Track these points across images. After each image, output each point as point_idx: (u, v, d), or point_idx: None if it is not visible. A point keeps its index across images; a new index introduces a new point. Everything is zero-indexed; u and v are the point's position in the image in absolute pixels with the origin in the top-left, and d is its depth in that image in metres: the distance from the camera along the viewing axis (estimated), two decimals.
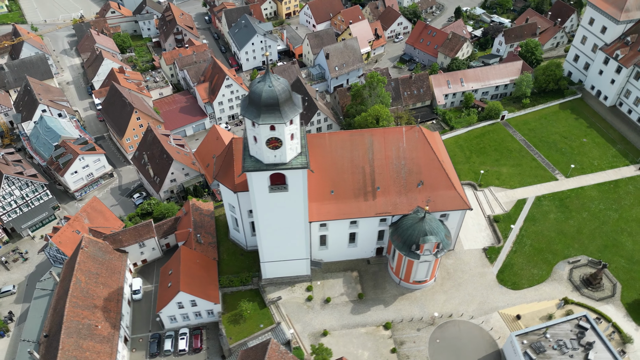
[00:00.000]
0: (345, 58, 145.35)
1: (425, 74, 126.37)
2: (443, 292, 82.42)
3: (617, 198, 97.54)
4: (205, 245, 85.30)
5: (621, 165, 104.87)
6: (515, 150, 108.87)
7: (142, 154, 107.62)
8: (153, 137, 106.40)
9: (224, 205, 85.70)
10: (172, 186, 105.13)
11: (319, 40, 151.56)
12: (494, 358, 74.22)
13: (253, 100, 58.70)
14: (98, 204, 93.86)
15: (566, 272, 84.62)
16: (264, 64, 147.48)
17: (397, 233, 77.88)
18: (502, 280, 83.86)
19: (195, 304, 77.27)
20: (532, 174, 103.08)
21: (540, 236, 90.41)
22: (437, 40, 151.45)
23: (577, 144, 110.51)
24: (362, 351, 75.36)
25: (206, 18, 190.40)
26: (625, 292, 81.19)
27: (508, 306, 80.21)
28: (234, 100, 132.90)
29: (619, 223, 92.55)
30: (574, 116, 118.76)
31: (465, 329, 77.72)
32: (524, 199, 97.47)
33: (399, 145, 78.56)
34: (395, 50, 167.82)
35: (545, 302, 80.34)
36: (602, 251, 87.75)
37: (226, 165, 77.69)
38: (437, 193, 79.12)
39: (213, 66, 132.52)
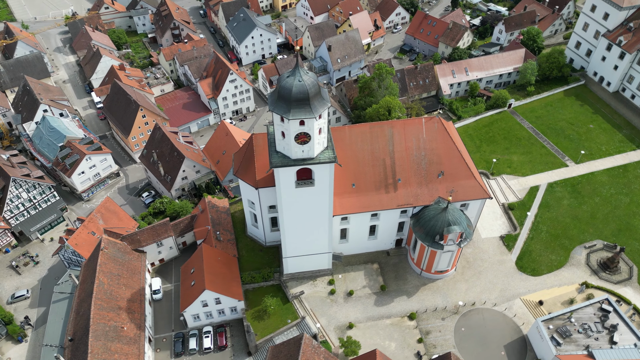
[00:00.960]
0: (347, 50, 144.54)
1: (431, 64, 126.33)
2: (464, 281, 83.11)
3: (627, 182, 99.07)
4: (224, 243, 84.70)
5: (628, 150, 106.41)
6: (524, 138, 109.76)
7: (150, 152, 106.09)
8: (162, 134, 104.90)
9: (243, 201, 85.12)
10: (184, 184, 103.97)
11: (320, 33, 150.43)
12: (519, 344, 75.19)
13: (283, 95, 58.03)
14: (112, 204, 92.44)
15: (583, 257, 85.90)
16: (294, 56, 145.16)
17: (420, 224, 78.15)
18: (521, 267, 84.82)
19: (219, 301, 76.79)
20: (543, 161, 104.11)
21: (556, 222, 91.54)
22: (438, 30, 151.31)
23: (584, 130, 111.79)
24: (389, 342, 75.80)
25: (201, 12, 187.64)
26: None
27: (529, 292, 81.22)
28: (238, 95, 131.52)
29: (630, 207, 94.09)
30: (578, 103, 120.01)
31: (489, 316, 78.57)
32: (536, 186, 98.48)
33: (419, 136, 78.58)
34: (395, 41, 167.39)
35: (565, 287, 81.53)
36: (617, 235, 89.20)
37: (247, 161, 76.96)
38: (457, 183, 79.44)
39: (216, 61, 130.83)
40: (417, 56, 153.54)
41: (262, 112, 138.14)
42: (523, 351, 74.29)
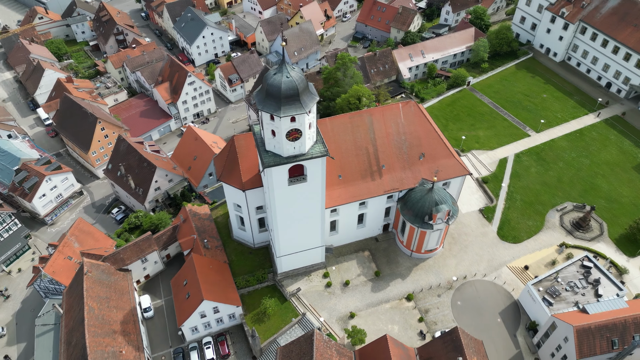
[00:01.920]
0: (303, 42, 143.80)
1: (389, 50, 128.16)
2: (452, 257, 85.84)
3: (585, 145, 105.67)
4: (213, 250, 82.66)
5: (581, 114, 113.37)
6: (486, 114, 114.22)
7: (117, 165, 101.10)
8: (127, 146, 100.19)
9: (228, 205, 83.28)
10: (157, 195, 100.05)
11: (273, 27, 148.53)
12: (512, 309, 78.82)
13: (271, 93, 56.95)
14: (85, 225, 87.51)
15: (557, 220, 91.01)
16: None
17: (408, 207, 79.68)
18: (503, 236, 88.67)
19: (217, 310, 75.05)
20: (507, 133, 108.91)
21: (527, 190, 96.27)
22: (388, 15, 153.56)
23: (538, 100, 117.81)
24: (391, 326, 77.18)
25: (143, 14, 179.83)
26: (611, 229, 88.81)
27: (514, 259, 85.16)
28: (198, 97, 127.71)
29: (592, 168, 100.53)
30: (530, 75, 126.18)
31: (481, 287, 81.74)
32: (504, 158, 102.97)
33: (398, 121, 79.83)
34: (346, 29, 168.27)
35: (545, 250, 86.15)
36: (583, 196, 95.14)
37: (230, 164, 75.18)
38: (438, 163, 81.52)
39: (171, 64, 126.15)
40: (370, 43, 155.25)
41: (224, 113, 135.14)
42: (517, 315, 78.00)
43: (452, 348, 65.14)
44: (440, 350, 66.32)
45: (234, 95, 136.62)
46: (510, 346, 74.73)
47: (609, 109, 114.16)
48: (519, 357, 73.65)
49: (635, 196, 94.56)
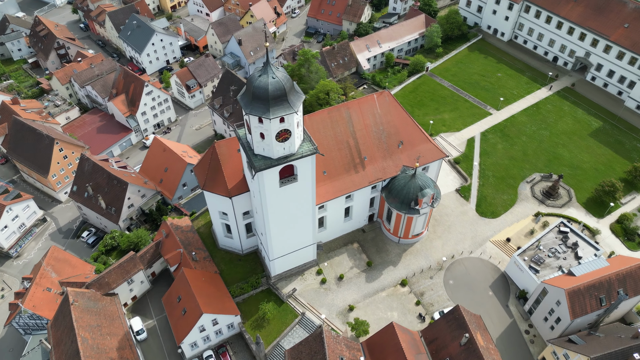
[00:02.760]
0: (258, 41, 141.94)
1: (346, 42, 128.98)
2: (438, 238, 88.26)
3: (543, 118, 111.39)
4: (202, 261, 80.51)
5: (535, 89, 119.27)
6: (448, 97, 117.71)
7: (83, 186, 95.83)
8: (92, 165, 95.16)
9: (211, 214, 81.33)
10: (131, 212, 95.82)
11: (224, 28, 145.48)
12: (501, 281, 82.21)
13: (259, 95, 55.91)
14: (60, 253, 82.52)
15: (528, 191, 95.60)
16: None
17: (393, 195, 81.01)
18: (482, 213, 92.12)
19: (216, 322, 73.32)
20: (470, 113, 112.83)
21: (497, 166, 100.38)
22: (338, 8, 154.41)
23: (494, 79, 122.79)
24: (390, 313, 78.46)
25: (82, 25, 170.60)
26: (578, 195, 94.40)
27: (495, 233, 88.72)
28: (157, 107, 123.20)
29: (552, 139, 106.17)
30: (482, 56, 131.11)
31: (469, 264, 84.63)
32: (472, 138, 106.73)
33: (374, 112, 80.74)
34: (297, 25, 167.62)
35: (523, 221, 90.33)
36: (548, 166, 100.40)
37: (213, 172, 73.27)
38: (416, 149, 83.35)
39: (124, 75, 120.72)
40: (324, 37, 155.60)
41: (185, 121, 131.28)
42: (506, 287, 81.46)
43: (456, 326, 67.18)
44: (445, 330, 68.20)
45: (194, 102, 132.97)
46: (504, 316, 78.03)
47: (559, 81, 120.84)
48: (514, 325, 77.07)
49: (595, 161, 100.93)
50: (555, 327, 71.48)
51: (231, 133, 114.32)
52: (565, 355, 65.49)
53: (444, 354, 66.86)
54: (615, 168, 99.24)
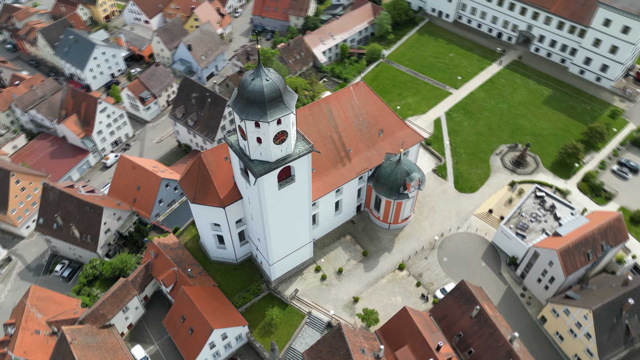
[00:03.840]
0: (208, 44, 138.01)
1: (301, 38, 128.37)
2: (425, 219, 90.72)
3: (499, 92, 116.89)
4: (198, 277, 77.88)
5: (487, 65, 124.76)
6: (408, 81, 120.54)
7: (50, 218, 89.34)
8: (58, 193, 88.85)
9: (201, 227, 78.93)
10: (108, 238, 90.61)
11: (170, 34, 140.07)
12: (491, 251, 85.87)
13: (254, 99, 54.53)
14: (41, 291, 76.57)
15: (499, 162, 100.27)
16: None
17: (380, 183, 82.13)
18: (461, 189, 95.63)
19: (225, 336, 71.45)
20: (432, 95, 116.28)
21: (467, 142, 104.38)
22: (283, 4, 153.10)
23: (447, 60, 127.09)
24: (394, 298, 79.89)
25: (9, 46, 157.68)
26: (544, 160, 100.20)
27: (477, 207, 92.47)
28: (113, 124, 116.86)
29: (511, 111, 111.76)
30: (432, 38, 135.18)
31: (459, 239, 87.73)
32: (438, 119, 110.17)
33: (353, 103, 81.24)
34: (242, 25, 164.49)
35: (500, 191, 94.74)
36: (512, 136, 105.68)
37: (203, 184, 70.82)
38: (396, 135, 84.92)
39: (73, 94, 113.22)
40: (272, 34, 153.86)
41: (144, 134, 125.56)
42: (496, 256, 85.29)
43: (464, 301, 69.68)
44: (453, 306, 70.53)
45: (149, 114, 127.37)
46: (499, 284, 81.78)
47: (506, 56, 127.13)
48: (509, 291, 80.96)
49: (553, 127, 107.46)
50: (549, 286, 75.88)
51: (198, 142, 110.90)
52: (565, 311, 69.80)
53: (456, 329, 69.22)
54: (572, 131, 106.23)
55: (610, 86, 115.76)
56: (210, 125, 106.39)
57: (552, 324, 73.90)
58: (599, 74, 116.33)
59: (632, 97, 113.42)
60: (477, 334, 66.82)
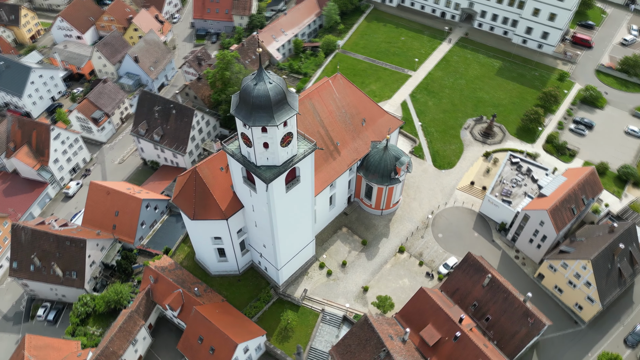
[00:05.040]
0: (154, 54, 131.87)
1: (253, 37, 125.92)
2: (413, 200, 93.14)
3: (454, 69, 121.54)
4: (205, 294, 75.26)
5: (437, 45, 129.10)
6: (367, 69, 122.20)
7: (26, 260, 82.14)
8: (31, 233, 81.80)
9: (200, 242, 76.43)
10: (94, 271, 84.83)
11: (111, 48, 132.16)
12: (481, 221, 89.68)
13: (260, 104, 53.08)
14: (36, 339, 70.46)
15: (469, 136, 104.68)
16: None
17: (371, 172, 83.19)
18: (440, 166, 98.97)
19: (247, 348, 69.77)
20: (393, 80, 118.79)
21: (436, 121, 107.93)
22: (224, 4, 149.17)
23: (400, 43, 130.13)
24: (401, 280, 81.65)
25: None
26: (509, 128, 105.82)
27: (459, 181, 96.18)
28: (69, 150, 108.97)
29: (469, 85, 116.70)
30: (381, 24, 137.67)
31: (448, 214, 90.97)
32: (404, 102, 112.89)
33: (334, 97, 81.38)
34: (183, 30, 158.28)
35: (477, 163, 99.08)
36: (476, 110, 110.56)
37: (202, 199, 68.21)
38: (377, 122, 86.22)
39: (20, 125, 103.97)
40: (218, 37, 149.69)
41: (102, 157, 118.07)
42: (486, 224, 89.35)
43: (474, 272, 72.78)
44: (464, 278, 73.40)
45: (104, 134, 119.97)
46: (494, 250, 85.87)
47: (454, 34, 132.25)
48: (504, 255, 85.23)
49: (510, 96, 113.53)
50: (541, 245, 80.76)
51: (167, 157, 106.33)
52: (563, 265, 74.72)
53: (470, 300, 72.18)
54: (527, 98, 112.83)
55: (552, 52, 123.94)
56: (179, 138, 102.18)
57: (550, 279, 78.86)
58: (540, 41, 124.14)
59: (573, 59, 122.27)
60: (492, 300, 70.10)
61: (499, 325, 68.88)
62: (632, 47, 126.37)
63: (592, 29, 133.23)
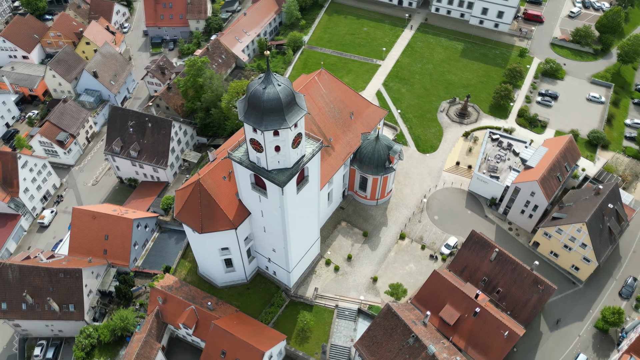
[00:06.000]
0: (113, 67, 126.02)
1: (217, 40, 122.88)
2: (404, 186, 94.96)
3: (420, 55, 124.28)
4: (218, 307, 73.54)
5: (400, 32, 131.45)
6: (337, 62, 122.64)
7: (17, 298, 76.71)
8: (18, 270, 76.49)
9: (205, 256, 74.67)
10: (92, 301, 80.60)
11: (66, 65, 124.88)
12: (471, 199, 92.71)
13: (272, 108, 52.17)
14: None
15: (446, 118, 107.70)
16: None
17: (365, 163, 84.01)
18: (424, 151, 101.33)
19: (271, 355, 69.05)
20: (363, 70, 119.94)
21: (412, 107, 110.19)
22: (178, 9, 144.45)
23: (363, 34, 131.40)
24: (408, 266, 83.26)
25: None
26: (481, 107, 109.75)
27: (444, 162, 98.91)
28: (38, 177, 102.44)
29: (437, 69, 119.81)
30: (342, 16, 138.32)
31: (440, 196, 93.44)
32: (378, 91, 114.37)
33: (321, 93, 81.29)
34: (135, 40, 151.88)
35: (458, 144, 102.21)
36: (448, 92, 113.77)
37: (208, 210, 66.38)
38: (364, 114, 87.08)
39: None
40: (175, 43, 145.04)
41: (73, 181, 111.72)
42: (476, 202, 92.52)
43: (480, 248, 75.38)
44: (471, 255, 75.88)
45: (72, 157, 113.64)
46: (488, 225, 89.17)
47: (414, 20, 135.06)
48: (499, 228, 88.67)
49: (476, 75, 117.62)
50: (533, 214, 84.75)
51: (147, 172, 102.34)
52: (558, 230, 78.76)
53: (479, 276, 74.76)
54: (493, 76, 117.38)
55: (507, 29, 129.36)
56: (158, 151, 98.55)
57: (545, 246, 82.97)
58: (496, 20, 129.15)
59: (528, 35, 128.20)
60: (501, 273, 72.96)
61: (510, 295, 71.86)
62: (579, 18, 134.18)
63: (540, 4, 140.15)
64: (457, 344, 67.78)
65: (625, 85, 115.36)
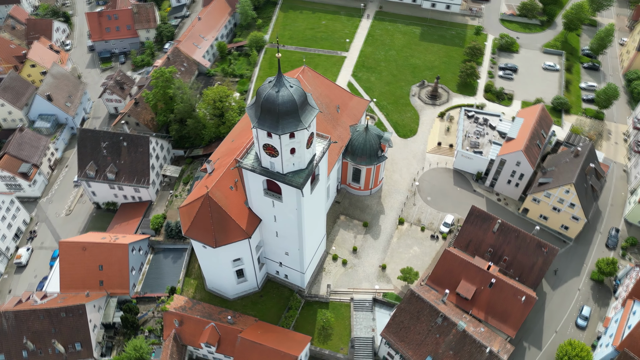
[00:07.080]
0: (66, 89, 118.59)
1: (176, 48, 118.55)
2: (393, 172, 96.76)
3: (381, 42, 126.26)
4: (238, 320, 72.02)
5: (357, 22, 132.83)
6: (302, 58, 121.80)
7: (16, 347, 71.13)
8: (14, 317, 70.83)
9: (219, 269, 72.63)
10: (98, 336, 76.19)
11: (13, 92, 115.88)
12: (458, 176, 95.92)
13: (287, 110, 51.45)
14: None
15: (419, 102, 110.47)
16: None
17: (358, 155, 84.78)
18: (404, 135, 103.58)
19: (301, 358, 68.67)
20: (330, 64, 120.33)
21: (384, 94, 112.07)
22: (124, 20, 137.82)
23: (323, 27, 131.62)
24: (412, 249, 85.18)
25: None
26: (450, 86, 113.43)
27: (425, 144, 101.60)
28: (7, 214, 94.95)
29: (400, 54, 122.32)
30: (297, 12, 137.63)
31: (429, 178, 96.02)
32: (349, 82, 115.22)
33: (306, 89, 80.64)
34: (81, 57, 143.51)
35: (435, 125, 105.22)
36: (414, 76, 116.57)
37: (219, 223, 64.63)
38: (349, 106, 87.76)
39: None
40: (127, 55, 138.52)
41: (43, 214, 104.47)
42: (463, 178, 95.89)
43: (481, 222, 78.47)
44: (474, 229, 78.77)
45: (37, 188, 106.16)
46: (478, 199, 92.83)
47: (369, 9, 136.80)
48: (488, 200, 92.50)
49: (438, 57, 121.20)
50: (519, 183, 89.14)
51: (127, 194, 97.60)
52: (546, 194, 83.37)
53: (484, 248, 77.84)
54: (454, 56, 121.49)
55: (459, 10, 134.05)
56: (137, 170, 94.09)
57: (534, 211, 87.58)
58: (446, 2, 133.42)
59: (478, 13, 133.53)
60: (505, 242, 76.35)
61: (517, 262, 75.42)
62: None
63: None
64: (477, 315, 70.48)
65: (574, 52, 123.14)
